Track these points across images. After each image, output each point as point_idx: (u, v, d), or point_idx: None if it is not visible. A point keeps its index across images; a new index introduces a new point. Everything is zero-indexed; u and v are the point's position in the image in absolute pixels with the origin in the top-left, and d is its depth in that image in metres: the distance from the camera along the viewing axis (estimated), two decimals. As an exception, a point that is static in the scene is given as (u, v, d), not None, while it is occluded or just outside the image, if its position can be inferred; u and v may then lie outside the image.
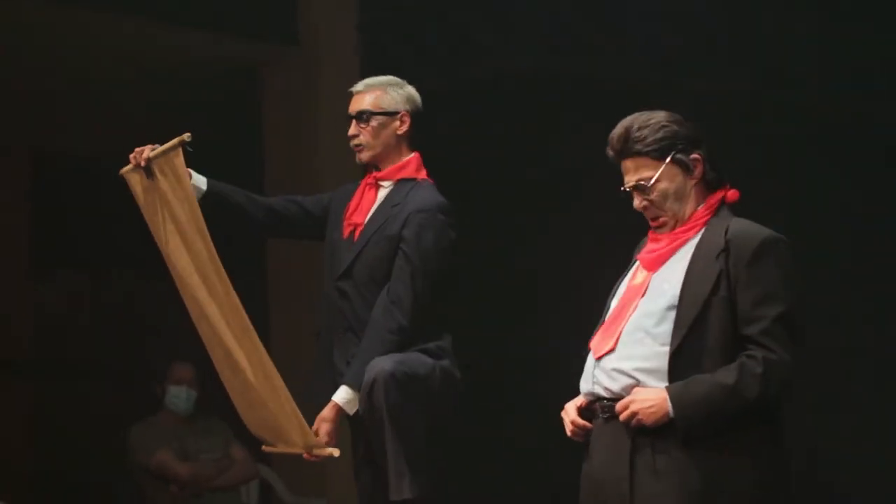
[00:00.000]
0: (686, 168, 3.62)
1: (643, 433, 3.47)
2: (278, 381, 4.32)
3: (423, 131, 4.68)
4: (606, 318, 3.66)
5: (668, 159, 3.61)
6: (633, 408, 3.47)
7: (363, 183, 4.62)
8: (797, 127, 8.20)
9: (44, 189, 8.93)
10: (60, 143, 8.85)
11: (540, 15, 7.83)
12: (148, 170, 4.38)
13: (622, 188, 3.68)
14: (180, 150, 4.32)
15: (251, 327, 4.30)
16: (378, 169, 4.60)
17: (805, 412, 7.86)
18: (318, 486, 7.40)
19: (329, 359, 4.53)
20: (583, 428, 3.63)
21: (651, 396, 3.45)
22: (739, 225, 3.58)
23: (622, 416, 3.49)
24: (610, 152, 3.67)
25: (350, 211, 4.59)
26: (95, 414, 8.37)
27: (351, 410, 4.41)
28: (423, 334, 4.44)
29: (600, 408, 3.58)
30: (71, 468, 8.42)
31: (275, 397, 4.34)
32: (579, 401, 3.67)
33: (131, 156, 4.42)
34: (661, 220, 3.65)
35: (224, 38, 7.81)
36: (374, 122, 4.56)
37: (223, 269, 4.28)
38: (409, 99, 4.62)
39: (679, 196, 3.62)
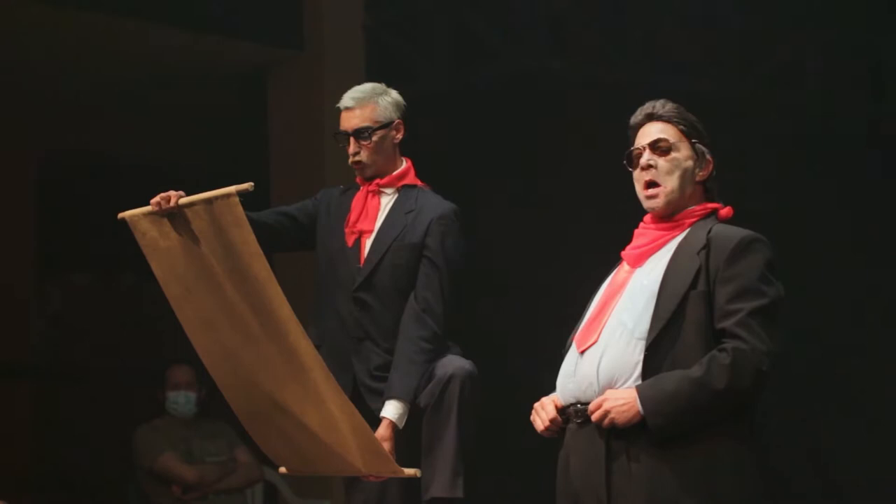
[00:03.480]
0: (700, 160, 3.65)
1: (618, 437, 3.46)
2: (350, 411, 4.15)
3: (426, 132, 4.66)
4: (590, 314, 3.66)
5: (691, 139, 3.65)
6: (605, 406, 3.46)
7: (364, 190, 4.55)
8: (797, 128, 8.22)
9: (49, 190, 8.94)
10: (66, 145, 8.86)
11: (543, 16, 7.85)
12: (173, 215, 4.19)
13: (634, 148, 3.66)
14: (236, 198, 4.09)
15: (316, 365, 4.14)
16: (375, 177, 4.55)
17: (808, 412, 7.94)
18: (322, 489, 7.40)
19: (343, 370, 4.41)
20: (557, 427, 3.62)
21: (622, 395, 3.45)
22: (722, 227, 3.60)
23: (595, 416, 3.48)
24: (639, 115, 3.68)
25: (353, 219, 4.52)
26: (99, 415, 8.38)
27: (402, 424, 4.33)
28: (446, 341, 4.44)
29: (574, 412, 3.57)
30: (74, 470, 8.43)
31: (335, 430, 4.19)
32: (555, 398, 3.65)
33: (154, 200, 4.20)
34: (656, 191, 3.64)
35: (229, 42, 7.82)
36: (375, 138, 4.50)
37: (290, 312, 4.10)
38: (398, 105, 4.57)
39: (684, 178, 3.63)
